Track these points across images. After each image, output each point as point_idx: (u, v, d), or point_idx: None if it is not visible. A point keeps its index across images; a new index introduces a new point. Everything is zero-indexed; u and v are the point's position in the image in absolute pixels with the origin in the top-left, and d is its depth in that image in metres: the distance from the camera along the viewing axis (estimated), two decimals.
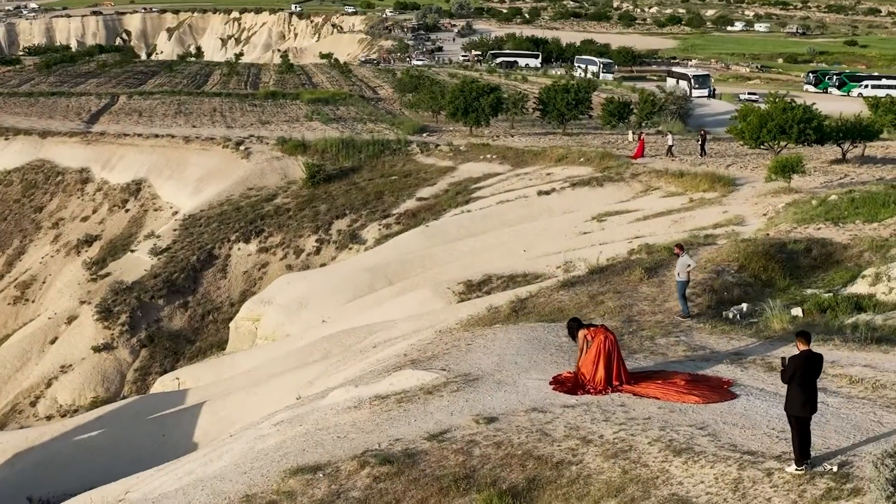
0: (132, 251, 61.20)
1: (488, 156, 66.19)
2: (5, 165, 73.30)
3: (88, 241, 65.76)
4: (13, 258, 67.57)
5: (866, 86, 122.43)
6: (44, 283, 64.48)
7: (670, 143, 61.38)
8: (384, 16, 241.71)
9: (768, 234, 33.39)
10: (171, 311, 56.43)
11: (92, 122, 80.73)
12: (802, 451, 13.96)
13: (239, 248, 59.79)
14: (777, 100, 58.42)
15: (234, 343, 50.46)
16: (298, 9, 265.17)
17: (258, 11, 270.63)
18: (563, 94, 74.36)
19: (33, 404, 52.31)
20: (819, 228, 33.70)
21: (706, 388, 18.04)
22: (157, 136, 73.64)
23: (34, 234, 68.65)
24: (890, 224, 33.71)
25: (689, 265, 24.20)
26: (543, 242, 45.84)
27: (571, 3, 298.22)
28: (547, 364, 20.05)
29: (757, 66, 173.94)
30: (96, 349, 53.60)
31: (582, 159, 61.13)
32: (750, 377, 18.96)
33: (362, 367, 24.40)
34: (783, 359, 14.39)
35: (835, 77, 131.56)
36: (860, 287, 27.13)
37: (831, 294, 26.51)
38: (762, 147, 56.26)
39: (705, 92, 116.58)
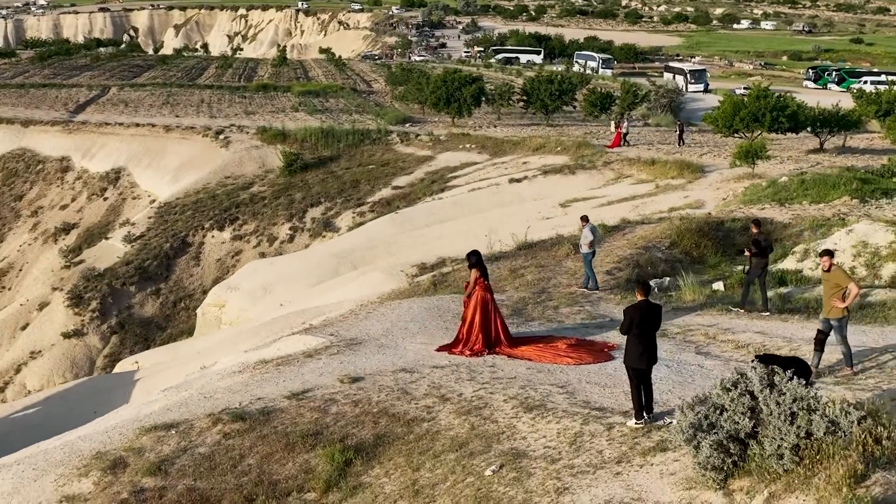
0: (107, 239, 61.11)
1: (467, 145, 65.90)
2: None
3: (66, 229, 65.73)
4: None
5: (866, 82, 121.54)
6: (20, 270, 64.50)
7: (624, 130, 60.98)
8: (390, 13, 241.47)
9: (710, 214, 33.04)
10: (143, 298, 56.28)
11: (77, 112, 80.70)
12: (640, 404, 13.67)
13: (213, 236, 59.62)
14: (756, 90, 58.00)
15: (200, 329, 50.27)
16: (305, 6, 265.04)
17: (265, 8, 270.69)
18: (547, 85, 74.05)
19: (2, 390, 52.22)
20: (763, 208, 33.38)
21: (585, 352, 17.80)
22: (138, 125, 73.55)
23: (13, 223, 68.66)
24: (836, 205, 33.40)
25: (590, 238, 23.89)
26: (506, 227, 45.55)
27: (579, 0, 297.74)
28: (437, 330, 19.84)
29: (761, 64, 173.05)
30: (66, 335, 53.46)
31: (559, 148, 60.85)
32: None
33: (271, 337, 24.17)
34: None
35: (834, 73, 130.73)
36: (789, 263, 26.83)
37: None
38: (735, 135, 55.84)
39: (701, 86, 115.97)
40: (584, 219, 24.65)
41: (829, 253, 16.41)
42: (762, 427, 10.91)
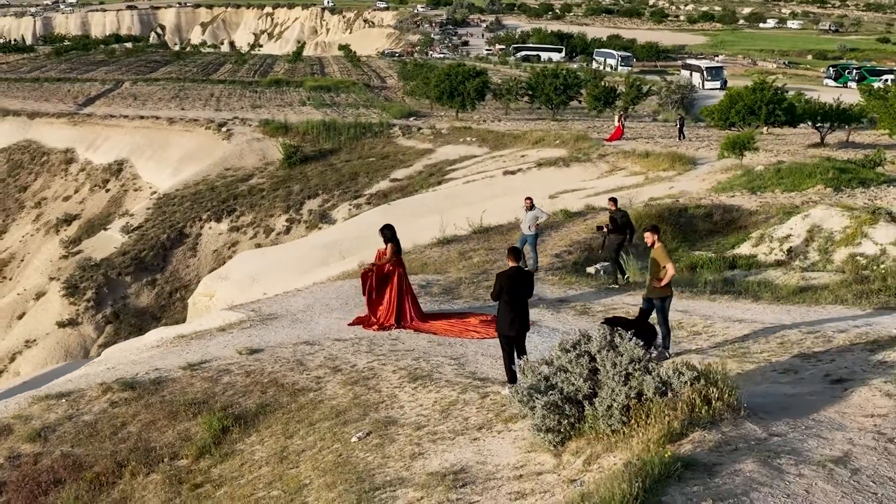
0: (105, 229, 61.39)
1: (468, 139, 65.78)
2: None
3: (68, 220, 66.06)
4: None
5: (886, 80, 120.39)
6: (22, 261, 64.89)
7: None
8: (415, 11, 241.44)
9: (677, 201, 32.73)
10: (139, 289, 56.45)
11: (86, 105, 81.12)
12: (512, 371, 13.50)
13: (210, 227, 59.74)
14: (763, 83, 57.60)
15: (191, 318, 50.38)
16: (331, 4, 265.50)
17: (291, 6, 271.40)
18: (552, 79, 73.79)
19: None
20: (733, 196, 33.06)
21: (494, 327, 17.60)
22: (142, 117, 73.85)
23: (17, 214, 69.09)
24: (809, 193, 32.99)
25: (538, 218, 23.73)
26: (492, 217, 45.53)
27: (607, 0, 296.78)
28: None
29: (784, 62, 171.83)
30: (61, 324, 53.69)
31: (557, 142, 60.60)
32: (553, 318, 18.56)
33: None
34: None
35: (854, 71, 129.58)
36: (745, 248, 26.52)
37: (713, 254, 25.90)
38: (732, 128, 55.37)
39: (718, 84, 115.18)
40: (530, 199, 24.46)
41: (654, 229, 15.99)
42: (599, 388, 10.71)
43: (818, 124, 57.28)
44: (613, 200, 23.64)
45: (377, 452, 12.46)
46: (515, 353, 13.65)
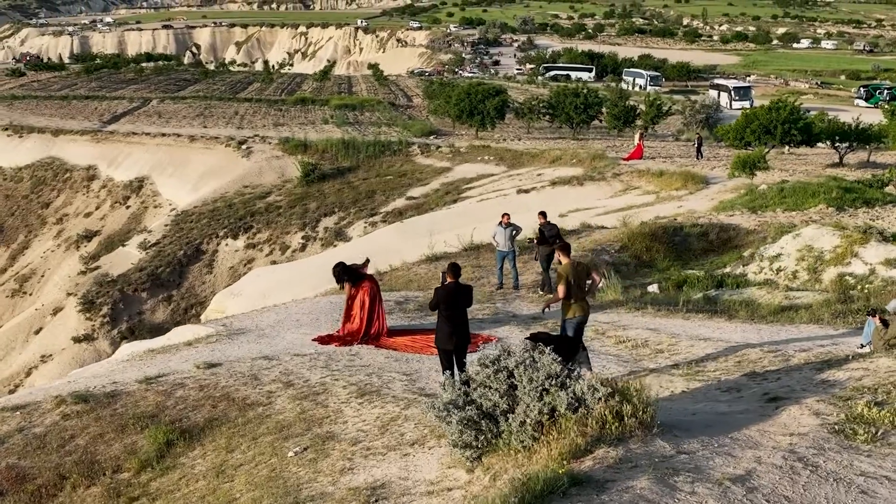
0: (123, 245, 61.83)
1: (486, 157, 65.78)
2: (17, 162, 74.71)
3: (88, 236, 66.60)
4: (17, 252, 68.71)
5: None
6: (42, 276, 65.43)
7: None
8: (448, 31, 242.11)
9: (674, 219, 32.54)
10: (154, 305, 56.81)
11: (110, 123, 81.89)
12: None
13: (226, 244, 60.05)
14: (780, 101, 57.26)
15: None
16: (364, 23, 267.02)
17: (325, 26, 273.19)
18: (573, 98, 73.71)
19: (12, 392, 52.90)
20: (732, 215, 32.85)
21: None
22: (164, 134, 74.43)
23: (39, 230, 69.75)
24: (810, 213, 32.71)
25: (513, 232, 23.70)
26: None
27: (641, 20, 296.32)
28: (327, 322, 19.79)
29: (817, 82, 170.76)
30: (76, 339, 54.12)
31: (574, 160, 60.50)
32: (520, 335, 18.39)
33: None
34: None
35: (885, 91, 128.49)
36: (735, 267, 26.29)
37: (702, 273, 25.70)
38: (748, 148, 55.01)
39: (746, 103, 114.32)
40: (507, 216, 24.38)
41: (563, 248, 15.40)
42: (517, 404, 10.62)
43: (836, 144, 56.76)
44: (543, 214, 24.52)
45: (310, 467, 12.43)
46: (456, 367, 13.58)
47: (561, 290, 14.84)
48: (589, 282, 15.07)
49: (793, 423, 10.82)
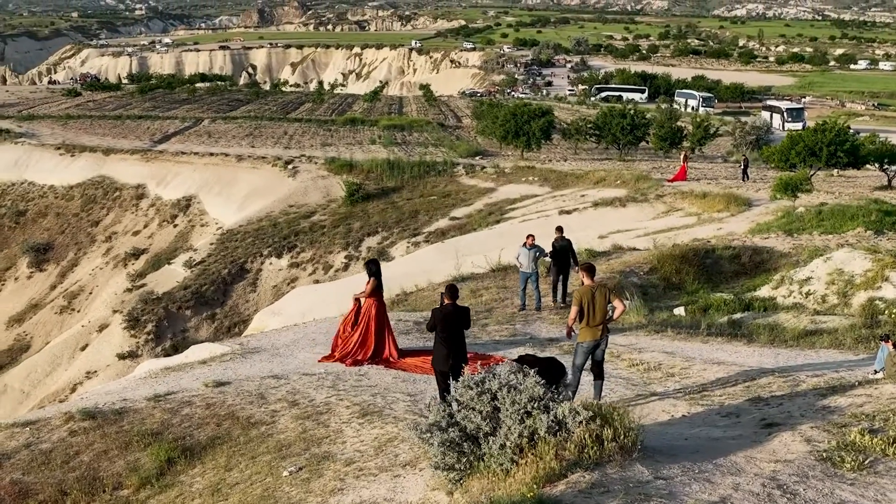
0: (169, 264, 62.45)
1: (531, 178, 65.71)
2: (69, 181, 75.83)
3: (136, 254, 67.37)
4: (66, 270, 69.67)
5: None
6: (90, 293, 66.24)
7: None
8: (502, 51, 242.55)
9: (709, 242, 32.24)
10: (198, 323, 57.25)
11: (161, 142, 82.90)
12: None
13: (270, 263, 60.45)
14: (826, 123, 56.66)
15: None
16: (418, 45, 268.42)
17: (379, 47, 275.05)
18: (619, 119, 73.48)
19: None
20: (767, 238, 32.45)
21: (470, 365, 17.46)
22: (212, 154, 75.21)
23: (88, 247, 70.67)
24: (847, 236, 32.25)
25: (537, 254, 23.64)
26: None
27: (696, 41, 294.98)
28: None
29: (874, 104, 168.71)
30: (121, 356, 54.61)
31: (618, 181, 60.27)
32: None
33: None
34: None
35: None
36: (764, 291, 25.99)
37: (730, 296, 25.43)
38: (793, 170, 54.42)
39: (799, 125, 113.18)
40: (532, 237, 24.31)
41: (587, 269, 14.76)
42: (499, 426, 10.54)
43: (885, 167, 55.94)
44: (559, 229, 25.20)
45: (302, 487, 12.43)
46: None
47: (571, 313, 14.66)
48: (610, 307, 14.68)
49: (782, 450, 10.65)
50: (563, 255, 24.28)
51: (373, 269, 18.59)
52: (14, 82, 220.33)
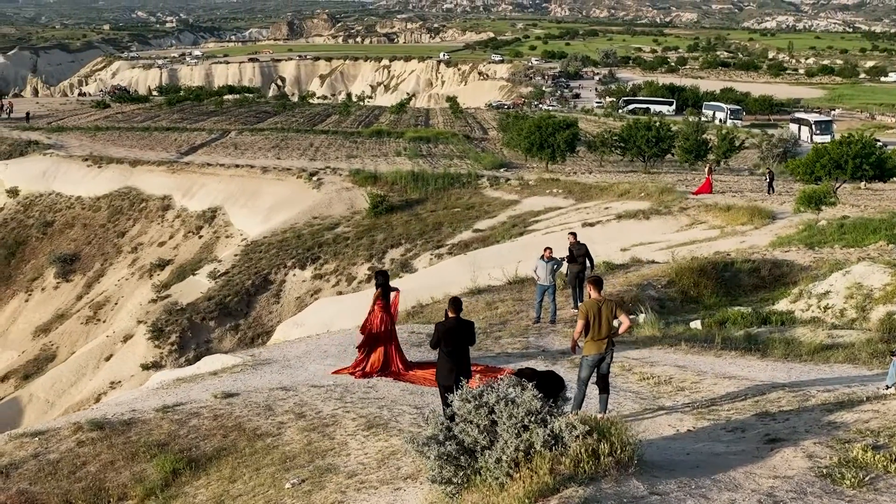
0: (194, 275, 62.71)
1: (555, 190, 65.58)
2: (96, 192, 76.29)
3: (161, 265, 67.65)
4: (93, 280, 70.06)
5: None
6: (116, 304, 66.57)
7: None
8: (529, 64, 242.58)
9: (728, 255, 32.06)
10: (222, 334, 57.39)
11: (188, 154, 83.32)
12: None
13: (294, 274, 60.57)
14: (851, 135, 56.31)
15: None
16: (447, 57, 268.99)
17: (407, 59, 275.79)
18: (645, 131, 73.29)
19: None
20: (787, 251, 32.19)
21: (479, 377, 17.42)
22: (237, 165, 75.54)
23: (114, 258, 71.04)
24: (868, 250, 31.95)
25: (555, 266, 23.59)
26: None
27: (725, 53, 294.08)
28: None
29: None
30: (145, 367, 54.78)
31: (642, 194, 60.05)
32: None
33: None
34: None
35: None
36: (782, 304, 25.79)
37: (748, 310, 25.26)
38: (818, 182, 54.08)
39: (827, 137, 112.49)
40: (549, 249, 24.26)
41: (594, 282, 14.54)
42: (496, 440, 10.50)
43: None
44: (573, 234, 26.16)
45: (303, 499, 12.43)
46: None
47: (577, 327, 14.55)
48: (617, 322, 14.58)
49: (782, 466, 10.55)
50: (580, 260, 24.79)
51: (379, 280, 18.62)
52: (46, 94, 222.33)
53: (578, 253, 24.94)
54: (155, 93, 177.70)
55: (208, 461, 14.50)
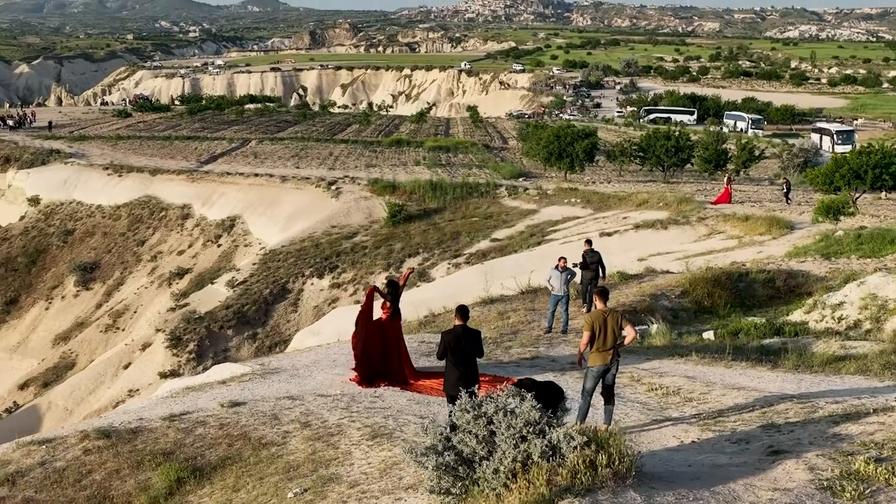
0: (212, 283, 62.90)
1: (573, 200, 65.53)
2: (116, 200, 76.73)
3: (180, 273, 67.94)
4: (112, 288, 70.40)
5: None
6: (135, 312, 66.85)
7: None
8: (551, 73, 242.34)
9: (743, 265, 31.92)
10: (239, 342, 57.52)
11: (207, 163, 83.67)
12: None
13: (312, 283, 60.66)
14: (871, 145, 56.03)
15: None
16: (468, 66, 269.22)
17: (429, 68, 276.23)
18: (664, 141, 73.10)
19: None
20: (803, 262, 32.02)
21: (487, 387, 17.37)
22: (256, 174, 75.80)
23: (134, 267, 71.38)
24: (885, 260, 31.76)
25: (569, 276, 23.55)
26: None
27: (747, 62, 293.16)
28: None
29: None
30: (163, 375, 54.88)
31: (661, 204, 59.92)
32: (554, 378, 18.18)
33: None
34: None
35: None
36: (797, 315, 25.64)
37: (762, 321, 25.14)
38: (837, 192, 53.79)
39: (849, 147, 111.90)
40: (563, 259, 24.22)
41: (601, 293, 14.60)
42: (495, 450, 10.47)
43: None
44: (588, 241, 26.09)
45: None
46: None
47: (584, 339, 14.52)
48: (624, 333, 14.52)
49: (783, 478, 10.46)
50: (593, 268, 25.11)
51: (389, 290, 18.64)
52: (69, 103, 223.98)
53: (591, 260, 25.24)
54: (177, 102, 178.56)
55: (213, 470, 14.51)
